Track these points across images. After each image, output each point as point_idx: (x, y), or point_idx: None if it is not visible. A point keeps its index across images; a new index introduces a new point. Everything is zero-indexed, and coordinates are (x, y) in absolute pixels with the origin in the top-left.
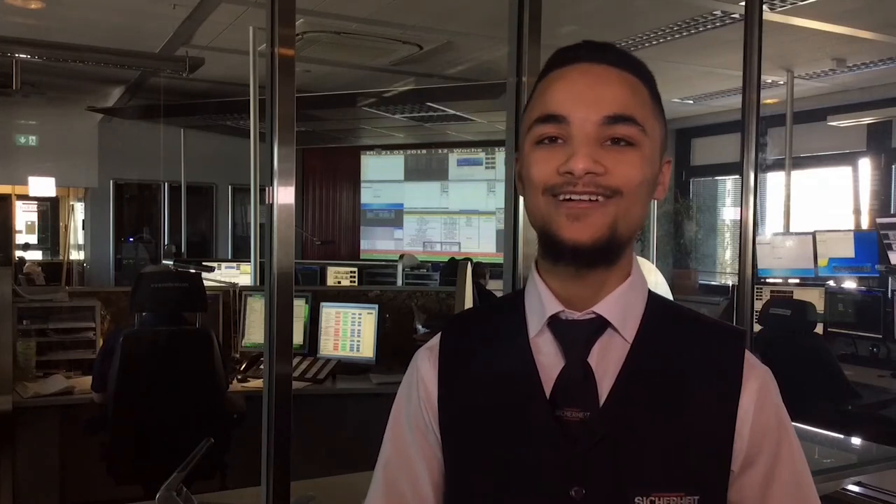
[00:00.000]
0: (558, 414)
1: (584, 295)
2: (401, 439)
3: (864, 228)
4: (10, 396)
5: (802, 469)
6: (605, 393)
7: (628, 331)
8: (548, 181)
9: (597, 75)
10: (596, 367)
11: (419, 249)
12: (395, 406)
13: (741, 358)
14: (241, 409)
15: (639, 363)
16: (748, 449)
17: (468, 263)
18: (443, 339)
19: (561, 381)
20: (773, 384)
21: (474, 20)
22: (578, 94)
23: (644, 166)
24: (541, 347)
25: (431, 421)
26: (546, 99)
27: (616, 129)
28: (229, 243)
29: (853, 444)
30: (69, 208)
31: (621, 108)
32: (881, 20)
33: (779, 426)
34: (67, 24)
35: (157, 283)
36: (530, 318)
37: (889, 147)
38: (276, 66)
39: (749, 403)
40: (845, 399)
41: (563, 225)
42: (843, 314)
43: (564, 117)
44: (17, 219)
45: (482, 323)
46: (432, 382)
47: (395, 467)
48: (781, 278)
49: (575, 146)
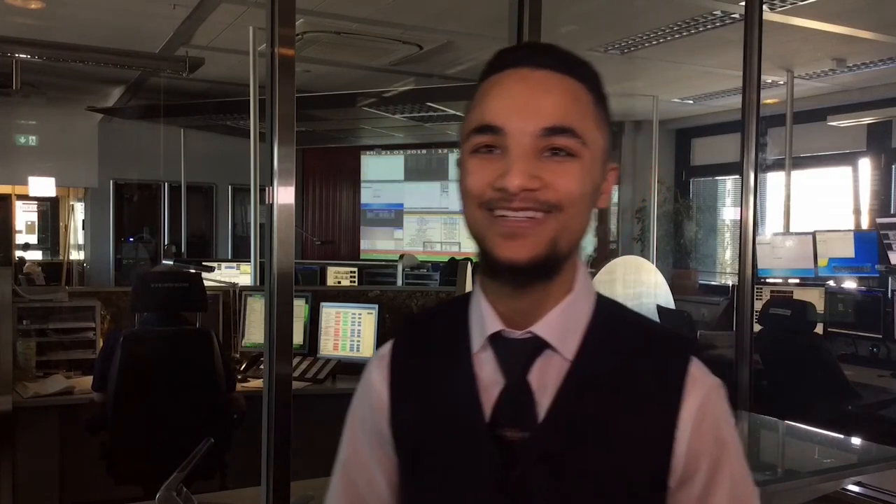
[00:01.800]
0: (498, 433)
1: (524, 310)
2: (356, 443)
3: (864, 228)
4: (10, 396)
5: (743, 489)
6: (544, 412)
7: (568, 348)
8: (482, 195)
9: (536, 82)
10: (536, 385)
11: (419, 249)
12: (351, 412)
13: (684, 371)
14: (241, 408)
15: (578, 381)
16: (685, 465)
17: (468, 263)
18: (393, 348)
19: (501, 400)
20: (719, 398)
21: (474, 20)
22: (515, 104)
23: (584, 179)
24: (483, 364)
25: (385, 430)
26: (483, 107)
27: (554, 141)
28: (229, 243)
29: (853, 444)
30: (69, 208)
31: (560, 118)
32: (881, 20)
33: (718, 444)
34: (67, 24)
35: (157, 283)
36: (473, 332)
37: (889, 147)
38: (276, 66)
39: (688, 419)
40: (845, 399)
41: (499, 244)
42: (843, 314)
43: (501, 128)
44: (17, 219)
45: (430, 332)
46: (384, 391)
47: (352, 469)
48: (781, 278)
49: (510, 160)
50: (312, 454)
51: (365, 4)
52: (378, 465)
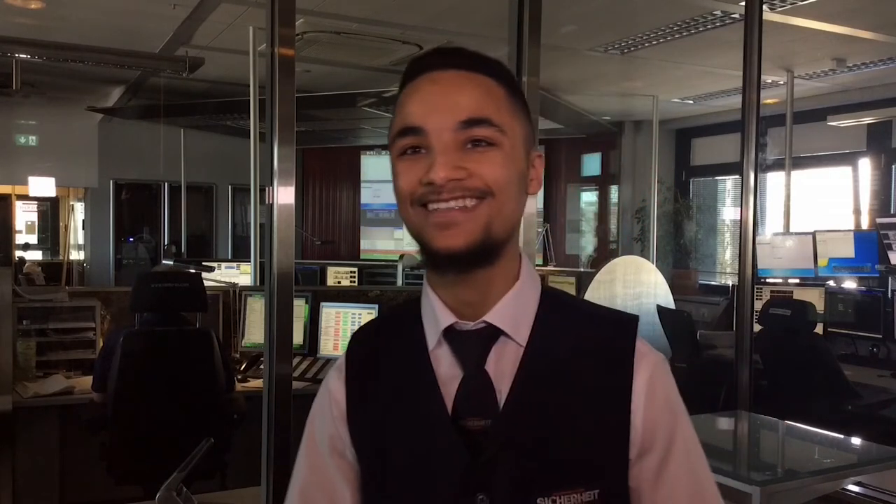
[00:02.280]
0: (461, 424)
1: (473, 300)
2: (318, 461)
3: (864, 228)
4: (10, 396)
5: (696, 455)
6: (503, 399)
7: (521, 335)
8: (413, 192)
9: (447, 82)
10: (493, 373)
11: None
12: (308, 428)
13: (632, 347)
14: (241, 408)
15: (533, 365)
16: (642, 437)
17: None
18: (348, 356)
19: (461, 391)
20: (665, 371)
21: (474, 20)
22: (431, 104)
23: (508, 164)
24: (440, 359)
25: (345, 437)
26: (403, 113)
27: (473, 132)
28: (229, 243)
29: (853, 444)
30: (69, 208)
31: (475, 111)
32: (881, 20)
33: (671, 414)
34: (67, 24)
35: (157, 283)
36: (428, 330)
37: (889, 147)
38: (276, 66)
39: (640, 392)
40: (845, 399)
41: (434, 235)
42: (843, 314)
43: (421, 128)
44: (17, 219)
45: (385, 337)
46: (342, 400)
47: (311, 490)
48: (781, 278)
49: (434, 155)
50: None
51: (365, 4)
52: (341, 477)
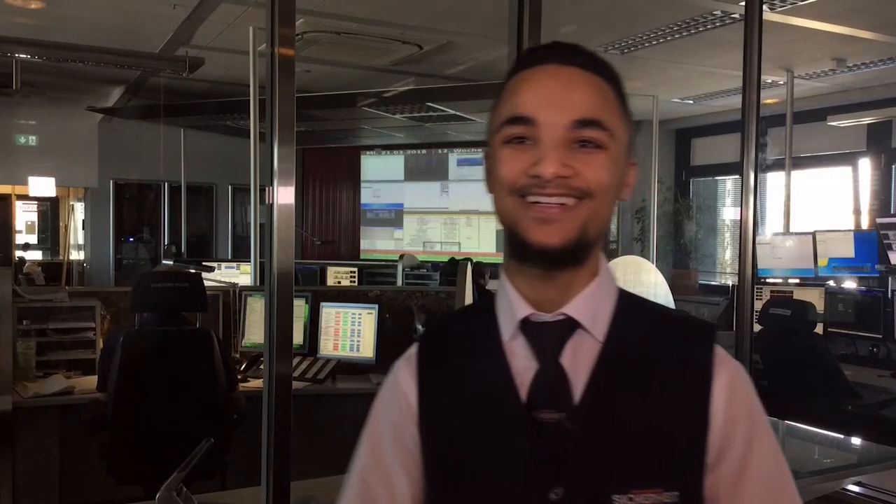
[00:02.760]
0: (534, 416)
1: (553, 296)
2: (379, 449)
3: (864, 228)
4: (10, 396)
5: (776, 462)
6: (579, 393)
7: (598, 330)
8: (516, 182)
9: (566, 78)
10: (569, 367)
11: (419, 249)
12: (373, 417)
13: (711, 352)
14: (241, 408)
15: (611, 361)
16: (721, 442)
17: (468, 263)
18: (420, 349)
19: (535, 383)
20: (745, 377)
21: (474, 20)
22: (547, 97)
23: (612, 168)
24: (515, 351)
25: (413, 431)
26: (515, 100)
27: (584, 133)
28: (229, 243)
29: (853, 444)
30: (69, 208)
31: (589, 111)
32: (881, 20)
33: (750, 419)
34: (67, 24)
35: (157, 283)
36: (502, 322)
37: (889, 147)
38: (276, 66)
39: (720, 397)
40: (845, 399)
41: (532, 228)
42: (843, 314)
43: (533, 119)
44: (17, 219)
45: (457, 330)
46: (412, 393)
47: (370, 475)
48: (781, 278)
49: (543, 149)
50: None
51: (365, 4)
52: (401, 468)
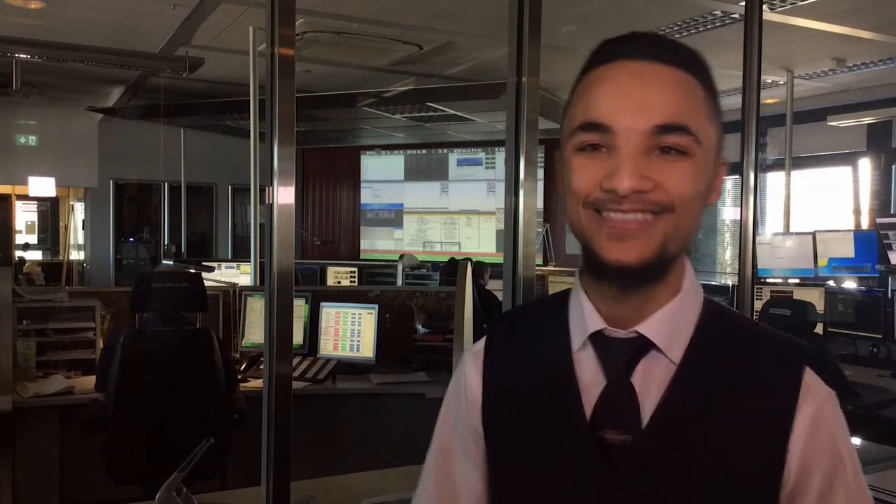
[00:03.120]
0: (599, 435)
1: (628, 312)
2: (450, 442)
3: (864, 228)
4: (10, 396)
5: (859, 500)
6: (647, 415)
7: (675, 351)
8: (589, 195)
9: (646, 77)
10: (639, 387)
11: (419, 249)
12: (444, 408)
13: (798, 380)
14: (241, 408)
15: (685, 385)
16: (797, 479)
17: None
18: (487, 344)
19: (602, 401)
20: (834, 409)
21: (474, 20)
22: (624, 101)
23: (697, 178)
24: (583, 363)
25: (478, 425)
26: (589, 103)
27: (666, 139)
28: (229, 243)
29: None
30: (69, 208)
31: (673, 116)
32: (881, 20)
33: (833, 457)
34: (67, 24)
35: (157, 283)
36: (573, 331)
37: (889, 147)
38: (276, 66)
39: (802, 430)
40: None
41: (606, 245)
42: (843, 314)
43: (609, 126)
44: (17, 219)
45: (527, 328)
46: (477, 388)
47: (444, 461)
48: (781, 278)
49: (620, 160)
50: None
51: (365, 4)
52: (470, 459)
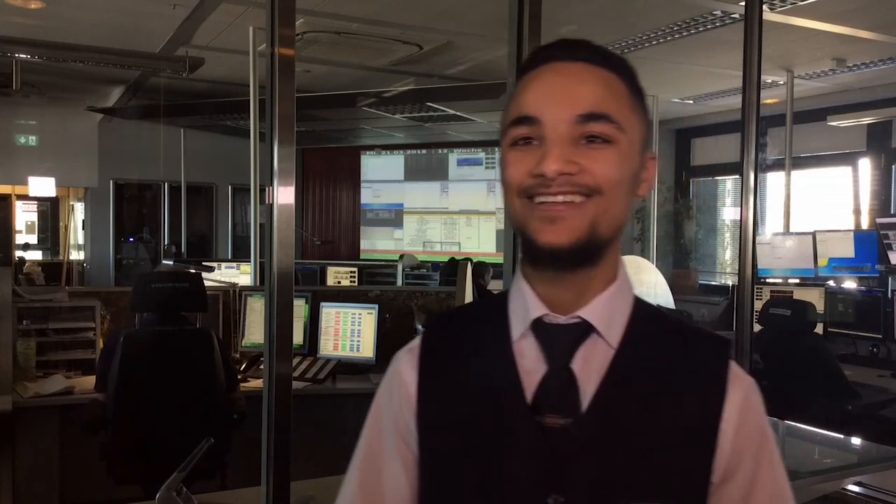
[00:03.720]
0: (539, 420)
1: (568, 298)
2: (378, 437)
3: (864, 228)
4: (10, 396)
5: (783, 483)
6: (587, 399)
7: (613, 336)
8: (521, 183)
9: (570, 73)
10: (579, 372)
11: (419, 249)
12: (374, 408)
13: (726, 368)
14: (241, 408)
15: (623, 370)
16: (729, 460)
17: (468, 263)
18: (423, 341)
19: (543, 386)
20: (757, 395)
21: (474, 20)
22: (551, 94)
23: (622, 164)
24: (524, 351)
25: (411, 423)
26: (520, 101)
27: (590, 127)
28: (229, 243)
29: (853, 444)
30: (69, 208)
31: (595, 105)
32: (881, 20)
33: (761, 439)
34: (67, 24)
35: (157, 283)
36: (514, 320)
37: (889, 147)
38: (276, 66)
39: (732, 415)
40: (845, 399)
41: (539, 229)
42: (843, 314)
43: (537, 118)
44: (17, 219)
45: (465, 324)
46: (412, 384)
47: (371, 464)
48: (781, 278)
49: (547, 147)
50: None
51: (365, 4)
52: (398, 459)
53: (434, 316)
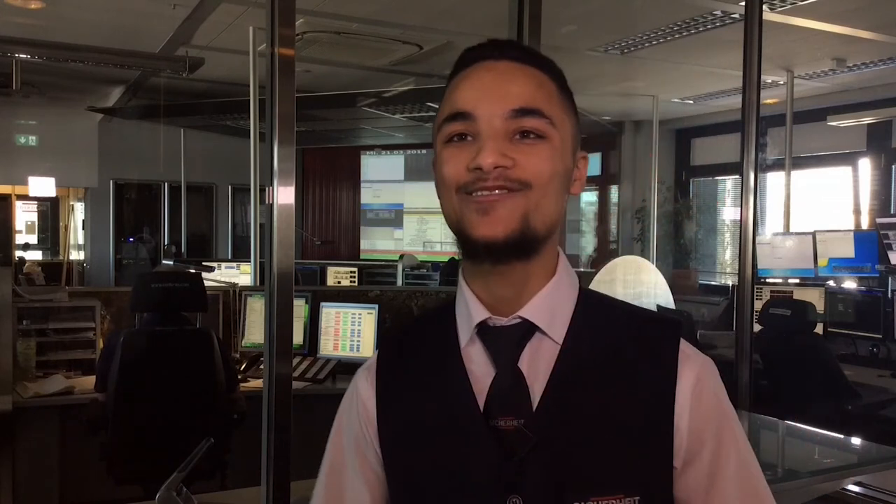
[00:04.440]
0: (493, 424)
1: (508, 296)
2: (341, 459)
3: (864, 228)
4: (10, 396)
5: (748, 460)
6: (537, 398)
7: (557, 332)
8: (459, 179)
9: (501, 71)
10: (527, 371)
11: (419, 249)
12: (336, 426)
13: (675, 349)
14: (241, 408)
15: (569, 364)
16: (688, 444)
17: None
18: (379, 357)
19: (493, 390)
20: (712, 373)
21: (474, 20)
22: (484, 90)
23: (554, 159)
24: (472, 357)
25: (372, 440)
26: (453, 98)
27: (523, 122)
28: (229, 243)
29: (853, 444)
30: (69, 208)
31: (527, 101)
32: (881, 20)
33: (719, 417)
34: (67, 24)
35: (157, 283)
36: (461, 327)
37: (889, 147)
38: (276, 66)
39: (685, 396)
40: (845, 399)
41: (474, 221)
42: (843, 314)
43: (471, 114)
44: (17, 219)
45: (415, 337)
46: (370, 401)
47: (336, 478)
48: (781, 278)
49: (482, 141)
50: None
51: (365, 4)
52: (360, 474)
53: (388, 329)
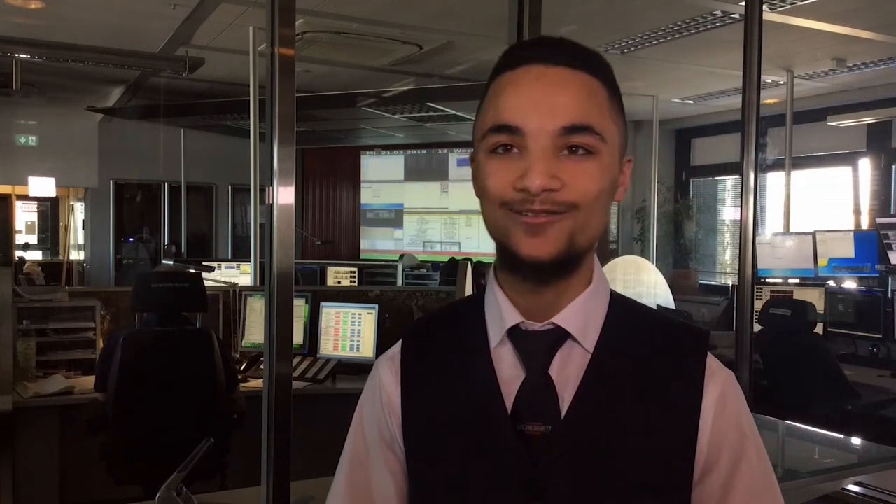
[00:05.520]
0: (520, 428)
1: (544, 304)
2: (363, 444)
3: (864, 228)
4: (10, 396)
5: (765, 478)
6: (566, 405)
7: (589, 340)
8: (504, 196)
9: (551, 80)
10: (557, 378)
11: (419, 249)
12: (357, 417)
13: (702, 363)
14: (241, 408)
15: (600, 373)
16: (707, 456)
17: (468, 263)
18: (404, 348)
19: (522, 394)
20: (735, 388)
21: (474, 20)
22: (532, 103)
23: (602, 176)
24: (502, 358)
25: (395, 431)
26: (499, 106)
27: (573, 139)
28: (229, 243)
29: (853, 444)
30: (69, 208)
31: (577, 116)
32: (881, 20)
33: (739, 433)
34: (67, 24)
35: (157, 283)
36: (491, 327)
37: (889, 147)
38: (276, 66)
39: (709, 410)
40: (845, 399)
41: (522, 240)
42: (843, 314)
43: (519, 128)
44: (17, 219)
45: (443, 331)
46: (395, 393)
47: (358, 470)
48: (781, 278)
49: (530, 160)
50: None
51: (365, 4)
52: (385, 466)
53: (415, 321)
